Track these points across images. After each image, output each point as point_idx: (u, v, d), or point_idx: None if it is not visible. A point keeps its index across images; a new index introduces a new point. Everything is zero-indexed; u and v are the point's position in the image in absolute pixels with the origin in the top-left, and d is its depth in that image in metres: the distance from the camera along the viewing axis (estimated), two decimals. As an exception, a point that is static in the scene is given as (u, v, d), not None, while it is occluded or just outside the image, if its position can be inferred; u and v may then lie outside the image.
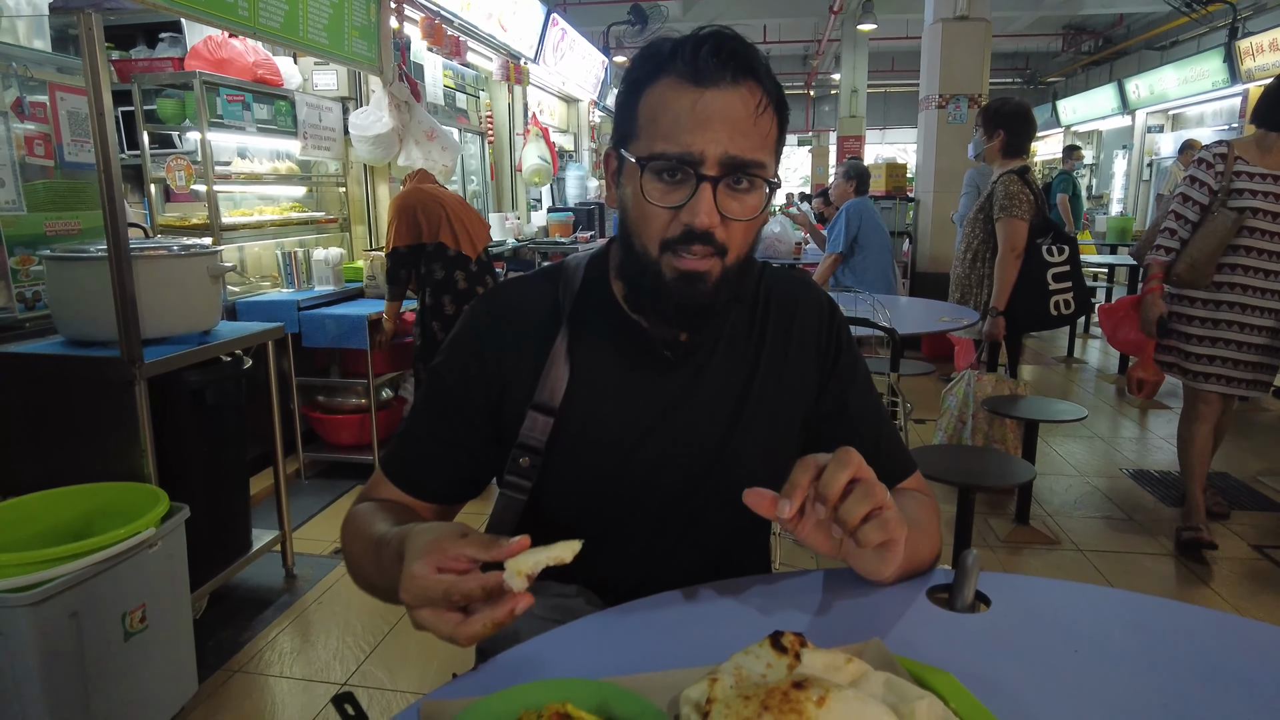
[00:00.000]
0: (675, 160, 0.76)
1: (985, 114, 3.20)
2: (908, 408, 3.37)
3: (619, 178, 0.84)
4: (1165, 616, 0.78)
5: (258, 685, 2.08)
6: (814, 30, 13.19)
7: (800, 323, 0.95)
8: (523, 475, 0.87)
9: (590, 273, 0.91)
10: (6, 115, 2.23)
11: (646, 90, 0.79)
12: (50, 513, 1.80)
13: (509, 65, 5.95)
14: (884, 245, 4.44)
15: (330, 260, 3.70)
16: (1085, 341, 6.78)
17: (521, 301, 0.91)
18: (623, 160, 0.82)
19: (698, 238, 0.77)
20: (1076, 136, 13.81)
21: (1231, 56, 8.76)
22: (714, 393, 0.90)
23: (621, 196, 0.83)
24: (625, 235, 0.84)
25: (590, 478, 0.88)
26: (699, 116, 0.75)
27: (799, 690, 0.54)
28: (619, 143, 0.83)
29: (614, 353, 0.89)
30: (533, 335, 0.89)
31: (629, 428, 0.88)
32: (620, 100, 0.83)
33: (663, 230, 0.79)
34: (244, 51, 3.53)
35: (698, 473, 0.89)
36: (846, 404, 0.94)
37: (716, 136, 0.75)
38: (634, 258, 0.82)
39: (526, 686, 0.60)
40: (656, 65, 0.78)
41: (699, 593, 0.82)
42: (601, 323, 0.89)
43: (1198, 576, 2.64)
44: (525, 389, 0.87)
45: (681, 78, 0.76)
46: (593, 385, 0.88)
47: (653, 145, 0.77)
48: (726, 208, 0.78)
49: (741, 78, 0.77)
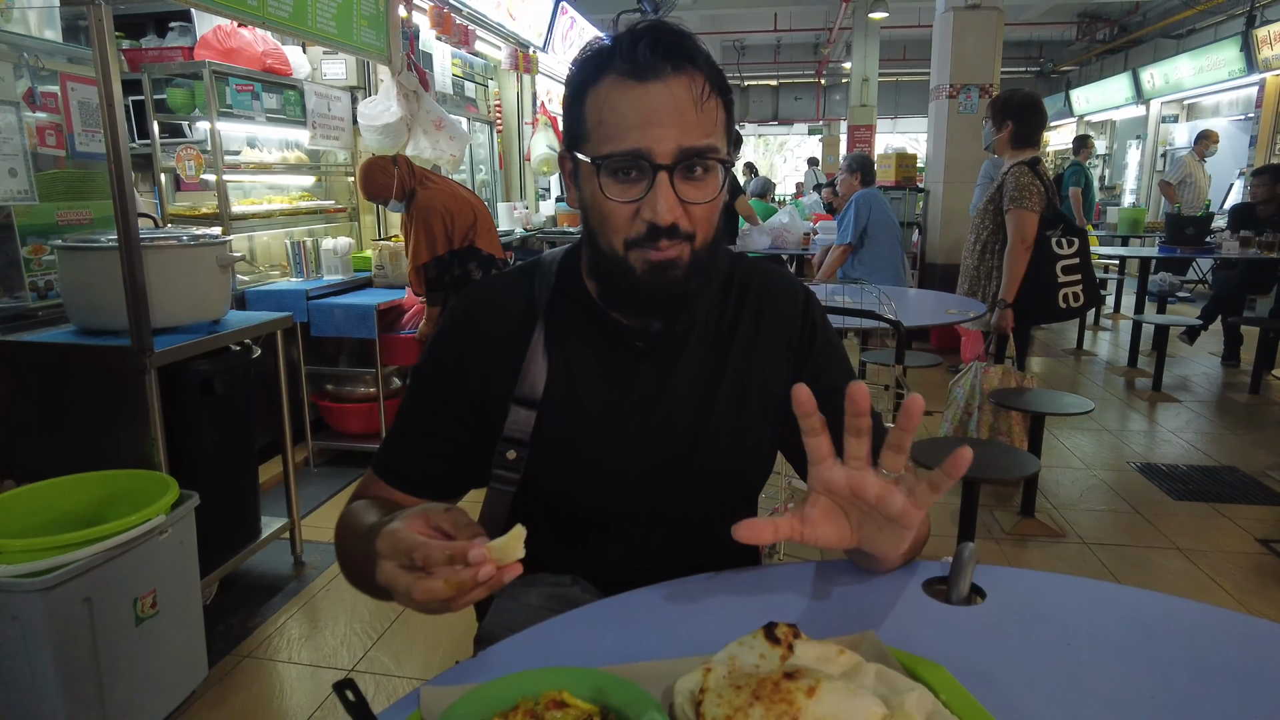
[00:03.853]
0: (629, 157, 0.77)
1: (994, 105, 3.18)
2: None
3: (576, 179, 0.85)
4: (1161, 611, 0.78)
5: (266, 670, 2.11)
6: (825, 18, 13.09)
7: (773, 312, 0.95)
8: (510, 469, 0.89)
9: (564, 268, 0.93)
10: (18, 105, 2.25)
11: (591, 91, 0.80)
12: (62, 500, 1.82)
13: (518, 54, 5.93)
14: (894, 236, 4.42)
15: (339, 250, 3.71)
16: (1095, 334, 6.74)
17: (498, 298, 0.93)
18: (577, 162, 0.83)
19: (663, 233, 0.79)
20: (1090, 126, 13.67)
21: (1249, 45, 8.64)
22: (687, 381, 0.91)
23: (581, 198, 0.85)
24: (590, 235, 0.85)
25: (574, 467, 0.89)
26: (645, 111, 0.76)
27: (790, 680, 0.54)
28: (571, 145, 0.84)
29: (589, 345, 0.91)
30: (510, 331, 0.90)
31: (608, 418, 0.89)
32: (567, 104, 0.85)
33: (626, 229, 0.80)
34: (253, 41, 3.54)
35: (674, 460, 0.90)
36: (825, 382, 0.92)
37: (665, 129, 0.76)
38: (602, 257, 0.83)
39: (523, 674, 0.60)
40: (598, 65, 0.79)
41: (694, 584, 0.83)
42: (576, 316, 0.91)
43: (1203, 570, 2.63)
44: (505, 384, 0.89)
45: (623, 75, 0.77)
46: (571, 378, 0.89)
47: (604, 145, 0.78)
48: (685, 194, 0.79)
49: (681, 68, 0.77)
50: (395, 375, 3.79)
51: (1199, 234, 5.64)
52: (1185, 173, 7.59)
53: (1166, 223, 6.07)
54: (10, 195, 2.22)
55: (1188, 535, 2.89)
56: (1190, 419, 4.32)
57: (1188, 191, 7.54)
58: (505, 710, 0.57)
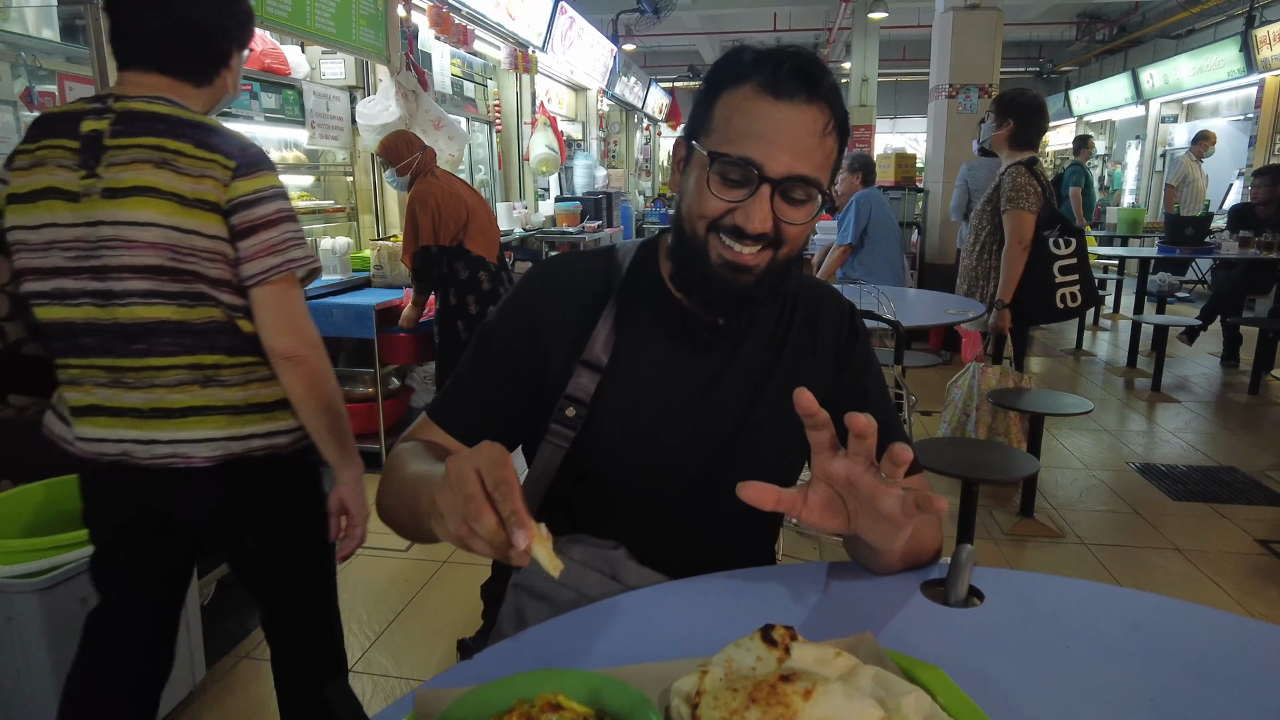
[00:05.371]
0: (742, 161, 0.82)
1: (998, 102, 3.18)
2: (912, 400, 3.37)
3: (685, 165, 0.90)
4: (1159, 613, 0.78)
5: (264, 671, 2.10)
6: (825, 18, 13.08)
7: (824, 325, 1.01)
8: (567, 425, 0.92)
9: (640, 255, 0.99)
10: (16, 105, 2.25)
11: (725, 92, 0.85)
12: (59, 500, 1.82)
13: (517, 54, 5.93)
14: (893, 237, 4.41)
15: (337, 249, 3.71)
16: (1094, 334, 6.74)
17: (575, 277, 0.98)
18: (692, 151, 0.88)
19: (748, 236, 0.84)
20: (1089, 127, 13.66)
21: (1248, 45, 8.65)
22: (737, 380, 0.96)
23: (684, 183, 0.90)
24: (679, 220, 0.90)
25: (625, 438, 0.93)
26: (771, 126, 0.82)
27: (786, 683, 0.54)
28: (691, 134, 0.88)
29: (657, 327, 0.95)
30: (581, 305, 0.95)
31: (665, 400, 0.94)
32: (699, 97, 0.90)
33: (715, 215, 0.85)
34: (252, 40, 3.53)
35: (715, 454, 0.94)
36: (861, 393, 0.99)
37: (783, 150, 0.82)
38: (684, 239, 0.89)
39: (520, 676, 0.60)
40: (739, 72, 0.84)
41: (693, 584, 0.83)
42: (647, 300, 0.96)
43: (1203, 571, 2.63)
44: (568, 351, 0.93)
45: (760, 88, 0.82)
46: (635, 355, 0.94)
47: (724, 144, 0.83)
48: (781, 212, 0.84)
49: (815, 98, 0.83)
50: (394, 375, 3.79)
51: (1198, 234, 5.64)
52: (1183, 173, 7.60)
53: (1166, 223, 6.07)
54: (8, 195, 2.22)
55: (1187, 536, 2.89)
56: (1189, 419, 4.32)
57: (1186, 192, 7.55)
58: (501, 712, 0.57)
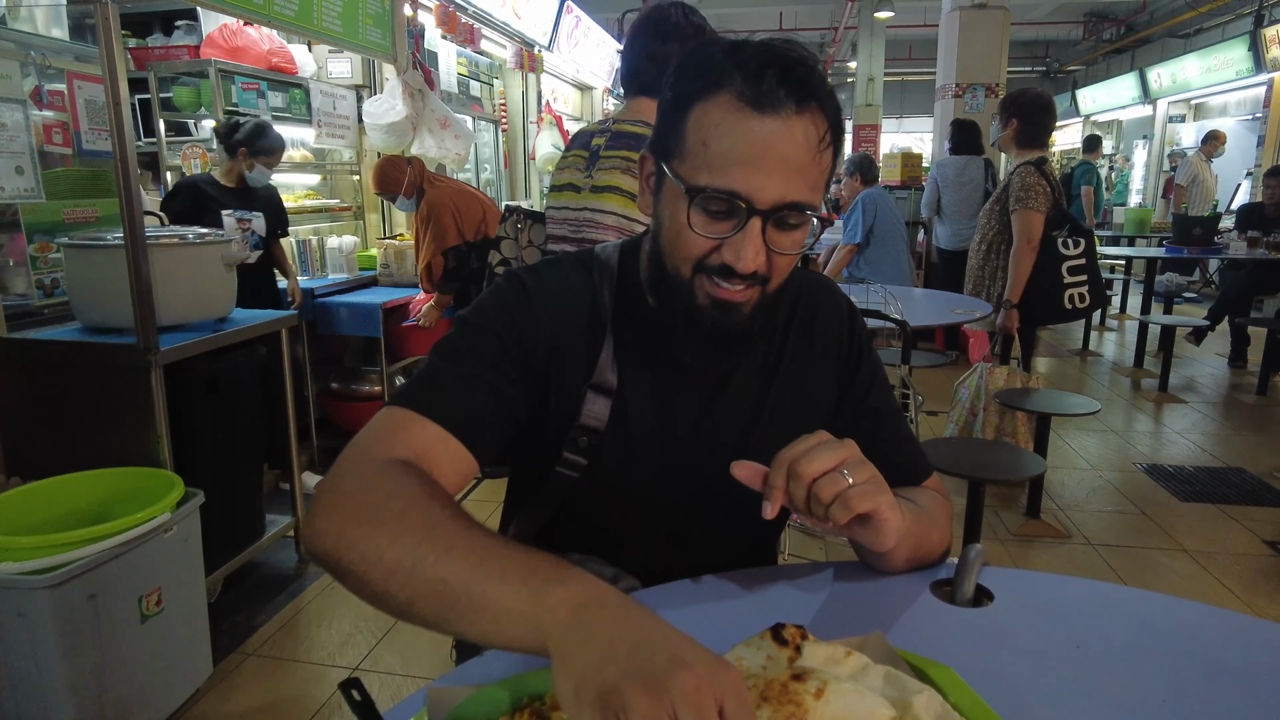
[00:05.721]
0: (727, 194, 0.72)
1: (1003, 102, 3.18)
2: (919, 400, 3.36)
3: (657, 188, 0.80)
4: (1168, 613, 0.78)
5: (271, 669, 2.11)
6: (831, 18, 13.06)
7: (821, 332, 0.93)
8: (581, 454, 0.86)
9: (624, 269, 0.89)
10: (25, 104, 2.25)
11: (699, 105, 0.73)
12: (68, 497, 1.83)
13: (523, 53, 5.93)
14: (899, 236, 4.40)
15: (344, 248, 3.72)
16: (1101, 334, 6.72)
17: (565, 290, 0.88)
18: (663, 174, 0.78)
19: (737, 275, 0.75)
20: (1096, 126, 13.61)
21: (1257, 45, 8.59)
22: (734, 401, 0.90)
23: (659, 212, 0.80)
24: (657, 252, 0.81)
25: (631, 465, 0.88)
26: (756, 148, 0.71)
27: (797, 682, 0.54)
28: (662, 155, 0.78)
29: (652, 352, 0.87)
30: (577, 322, 0.86)
31: (667, 426, 0.88)
32: (666, 107, 0.77)
33: (701, 255, 0.76)
34: (259, 39, 3.55)
35: (714, 478, 0.87)
36: (867, 408, 0.94)
37: (772, 176, 0.71)
38: (665, 277, 0.80)
39: (530, 675, 0.60)
40: (712, 77, 0.72)
41: (704, 584, 0.83)
42: (639, 323, 0.88)
43: (1210, 573, 2.62)
44: (570, 369, 0.85)
45: (741, 99, 0.71)
46: (638, 379, 0.87)
47: (702, 174, 0.73)
48: (774, 242, 0.75)
49: (805, 107, 0.71)
50: (400, 374, 3.80)
51: (1206, 234, 5.62)
52: (1193, 173, 7.57)
53: (1174, 223, 6.04)
54: (17, 193, 2.23)
55: (1194, 537, 2.87)
56: (1197, 420, 4.30)
57: (1195, 192, 7.52)
58: (511, 710, 0.57)
